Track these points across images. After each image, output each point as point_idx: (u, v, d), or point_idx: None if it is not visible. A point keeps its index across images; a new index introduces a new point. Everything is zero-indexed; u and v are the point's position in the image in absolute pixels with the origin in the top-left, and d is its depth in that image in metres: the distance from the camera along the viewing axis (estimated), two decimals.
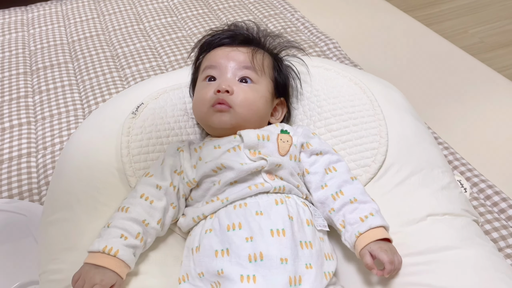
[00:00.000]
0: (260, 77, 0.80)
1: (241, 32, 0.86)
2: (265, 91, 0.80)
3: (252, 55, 0.81)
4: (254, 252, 0.64)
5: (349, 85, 0.90)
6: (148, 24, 1.68)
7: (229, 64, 0.79)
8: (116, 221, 0.69)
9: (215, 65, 0.80)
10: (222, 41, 0.84)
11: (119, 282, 0.65)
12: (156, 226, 0.70)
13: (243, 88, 0.77)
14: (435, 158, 0.83)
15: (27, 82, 1.43)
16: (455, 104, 1.28)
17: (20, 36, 1.66)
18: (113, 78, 1.41)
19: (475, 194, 1.00)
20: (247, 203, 0.70)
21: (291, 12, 1.69)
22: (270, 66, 0.84)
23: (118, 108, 0.91)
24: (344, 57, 1.42)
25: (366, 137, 0.83)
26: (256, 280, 0.62)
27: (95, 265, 0.64)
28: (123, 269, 0.66)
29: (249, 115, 0.77)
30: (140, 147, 0.83)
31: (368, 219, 0.69)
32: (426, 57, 1.47)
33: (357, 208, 0.71)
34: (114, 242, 0.66)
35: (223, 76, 0.79)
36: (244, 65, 0.79)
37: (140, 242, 0.68)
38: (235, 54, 0.81)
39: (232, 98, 0.76)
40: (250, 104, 0.77)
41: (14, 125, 1.26)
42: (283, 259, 0.64)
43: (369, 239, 0.67)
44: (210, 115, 0.78)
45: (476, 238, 0.73)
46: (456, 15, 1.80)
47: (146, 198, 0.71)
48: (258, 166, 0.72)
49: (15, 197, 1.06)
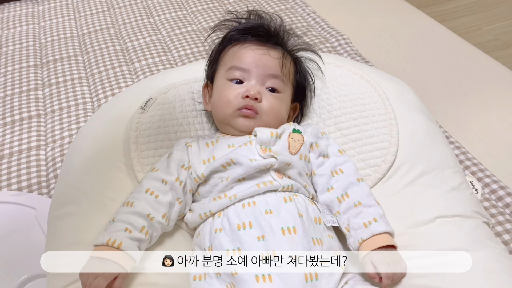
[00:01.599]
0: (285, 85, 0.81)
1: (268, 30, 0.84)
2: (288, 99, 0.83)
3: (283, 62, 0.81)
4: (267, 250, 0.64)
5: (360, 82, 0.88)
6: (158, 17, 1.68)
7: (259, 71, 0.79)
8: (120, 215, 0.69)
9: (245, 69, 0.79)
10: (249, 37, 0.82)
11: (123, 274, 0.65)
12: (162, 220, 0.70)
13: (269, 97, 0.79)
14: (446, 158, 0.82)
15: (37, 75, 1.44)
16: (467, 102, 1.26)
17: (31, 29, 1.67)
18: (122, 72, 1.41)
19: (486, 195, 0.98)
20: (255, 202, 0.69)
21: (302, 7, 1.68)
22: (294, 71, 0.85)
23: (127, 103, 0.91)
24: (355, 53, 1.40)
25: (376, 136, 0.82)
26: (272, 279, 0.62)
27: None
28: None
29: (273, 123, 0.79)
30: (148, 142, 0.83)
31: (371, 225, 0.68)
32: (439, 54, 1.45)
33: (361, 212, 0.70)
34: (118, 235, 0.66)
35: (252, 81, 0.79)
36: (273, 74, 0.80)
37: (145, 235, 0.68)
38: (266, 60, 0.80)
39: (260, 106, 0.78)
40: (275, 113, 0.79)
41: (24, 117, 1.27)
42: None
43: (372, 246, 0.67)
44: (235, 118, 0.78)
45: (486, 240, 0.71)
46: (471, 11, 1.77)
47: (151, 192, 0.71)
48: (267, 163, 0.72)
49: (24, 189, 1.06)
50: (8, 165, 1.12)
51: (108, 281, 0.63)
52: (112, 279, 0.64)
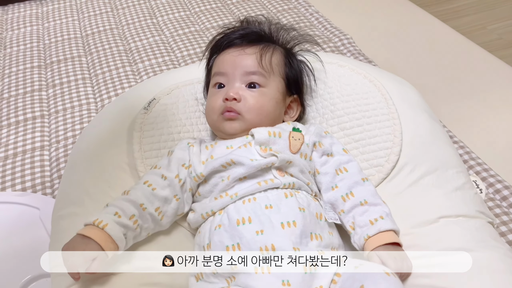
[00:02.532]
0: (268, 79, 0.79)
1: (252, 30, 0.85)
2: (274, 93, 0.80)
3: (261, 56, 0.80)
4: (266, 244, 0.64)
5: (364, 82, 0.88)
6: (161, 18, 1.68)
7: (236, 71, 0.79)
8: (115, 201, 0.70)
9: (223, 72, 0.80)
10: (232, 42, 0.84)
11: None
12: (154, 213, 0.70)
13: (251, 94, 0.78)
14: (450, 158, 0.81)
15: (41, 76, 1.45)
16: (471, 102, 1.25)
17: (35, 30, 1.68)
18: (126, 72, 1.41)
19: (491, 195, 0.98)
20: (256, 198, 0.70)
21: (305, 6, 1.67)
22: (280, 63, 0.83)
23: (130, 103, 0.91)
24: (358, 53, 1.40)
25: (379, 136, 0.82)
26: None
27: (82, 236, 0.65)
28: (108, 244, 0.64)
29: (259, 119, 0.78)
30: (152, 143, 0.83)
31: (377, 222, 0.68)
32: (442, 53, 1.44)
33: (367, 210, 0.70)
34: (106, 217, 0.66)
35: (231, 83, 0.79)
36: (250, 70, 0.79)
37: (133, 224, 0.68)
38: (241, 58, 0.80)
39: (240, 105, 0.77)
40: (258, 109, 0.77)
41: (28, 118, 1.27)
42: (296, 248, 0.64)
43: (378, 242, 0.66)
44: (221, 123, 0.79)
45: (491, 240, 0.71)
46: (474, 10, 1.76)
47: (149, 185, 0.72)
48: (268, 162, 0.72)
49: (28, 190, 1.07)
50: (12, 166, 1.13)
51: (87, 261, 0.62)
52: (90, 260, 0.63)
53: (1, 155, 1.17)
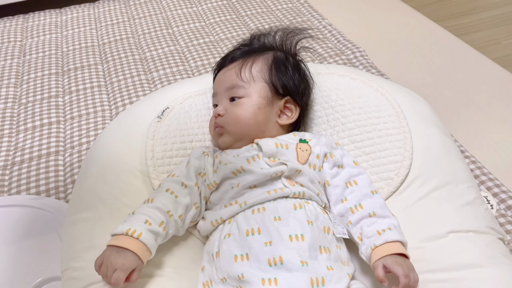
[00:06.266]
0: (248, 88, 0.82)
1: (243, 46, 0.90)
2: (255, 100, 0.81)
3: (240, 68, 0.84)
4: (274, 256, 0.65)
5: (376, 95, 0.89)
6: (176, 28, 1.71)
7: (220, 89, 0.85)
8: (141, 209, 0.70)
9: (215, 93, 0.87)
10: (223, 63, 0.90)
11: (140, 266, 0.65)
12: (178, 220, 0.71)
13: (231, 107, 0.82)
14: (461, 172, 0.81)
15: (58, 82, 1.48)
16: (483, 116, 1.25)
17: (54, 38, 1.72)
18: (140, 81, 1.44)
19: (502, 211, 0.97)
20: (265, 208, 0.70)
21: (319, 19, 1.69)
22: (263, 69, 0.84)
23: (144, 111, 0.93)
24: (371, 66, 1.41)
25: (390, 150, 0.82)
26: (278, 282, 0.63)
27: (117, 248, 0.65)
28: (144, 253, 0.66)
29: (241, 128, 0.80)
30: (164, 151, 0.84)
31: (385, 233, 0.68)
32: (455, 68, 1.44)
33: (375, 222, 0.70)
34: (138, 226, 0.66)
35: (219, 102, 0.85)
36: (230, 86, 0.83)
37: (163, 230, 0.69)
38: (224, 76, 0.86)
39: (223, 120, 0.81)
40: (236, 119, 0.80)
41: (44, 123, 1.30)
42: (303, 262, 0.64)
43: (384, 252, 0.66)
44: (216, 138, 0.85)
45: (501, 257, 0.70)
46: (488, 25, 1.75)
47: (172, 192, 0.73)
48: (278, 170, 0.73)
49: (42, 194, 1.09)
50: (27, 170, 1.15)
51: (127, 273, 0.64)
52: (130, 272, 0.64)
53: (17, 159, 1.19)
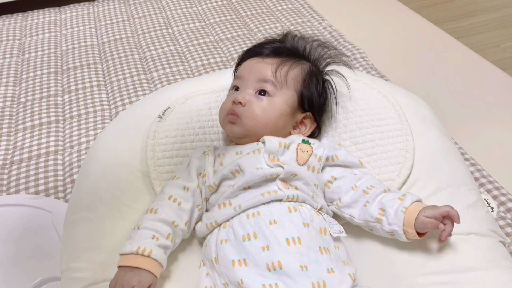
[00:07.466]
0: (278, 90, 0.80)
1: (284, 46, 0.86)
2: (281, 104, 0.80)
3: (277, 67, 0.81)
4: (272, 261, 0.64)
5: (378, 97, 0.89)
6: (176, 28, 1.71)
7: (250, 77, 0.81)
8: (146, 222, 0.69)
9: (241, 76, 0.83)
10: (259, 51, 0.86)
11: (155, 282, 0.66)
12: (184, 227, 0.71)
13: (256, 101, 0.79)
14: (461, 175, 0.81)
15: (58, 81, 1.47)
16: (484, 119, 1.25)
17: (53, 36, 1.71)
18: (140, 80, 1.44)
19: (502, 214, 0.97)
20: (260, 212, 0.70)
21: (319, 20, 1.69)
22: (297, 78, 0.82)
23: (145, 111, 0.93)
24: (371, 67, 1.41)
25: (391, 152, 0.82)
26: None
27: (130, 267, 0.65)
28: (157, 269, 0.66)
29: (257, 126, 0.78)
30: (165, 151, 0.84)
31: (406, 196, 0.71)
32: (455, 70, 1.45)
33: (392, 193, 0.73)
34: (147, 243, 0.66)
35: (244, 87, 0.81)
36: (263, 78, 0.80)
37: (170, 242, 0.69)
38: (259, 66, 0.82)
39: (242, 110, 0.78)
40: (257, 116, 0.78)
41: (43, 123, 1.29)
42: (303, 267, 0.64)
43: (417, 209, 0.68)
44: (225, 124, 0.81)
45: (502, 260, 0.71)
46: (488, 28, 1.76)
47: (174, 199, 0.72)
48: (273, 172, 0.72)
49: (41, 193, 1.08)
50: (26, 169, 1.15)
51: None
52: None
53: (16, 158, 1.19)
